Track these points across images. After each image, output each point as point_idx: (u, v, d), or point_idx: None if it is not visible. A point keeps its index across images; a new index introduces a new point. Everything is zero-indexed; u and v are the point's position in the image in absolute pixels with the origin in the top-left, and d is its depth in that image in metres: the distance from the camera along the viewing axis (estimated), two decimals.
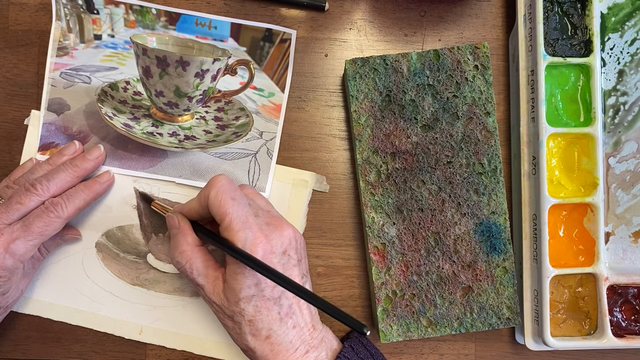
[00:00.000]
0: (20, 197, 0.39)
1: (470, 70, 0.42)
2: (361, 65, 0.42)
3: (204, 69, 0.44)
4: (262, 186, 0.45)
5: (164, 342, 0.44)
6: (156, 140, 0.45)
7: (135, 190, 0.45)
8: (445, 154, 0.42)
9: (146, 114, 0.45)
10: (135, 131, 0.45)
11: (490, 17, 0.47)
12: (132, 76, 0.45)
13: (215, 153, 0.45)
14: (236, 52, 0.45)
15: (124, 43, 0.45)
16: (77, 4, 0.45)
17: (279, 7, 0.46)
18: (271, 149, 0.45)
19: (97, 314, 0.44)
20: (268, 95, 0.46)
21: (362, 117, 0.42)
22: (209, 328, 0.44)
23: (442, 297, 0.42)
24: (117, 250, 0.45)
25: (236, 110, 0.45)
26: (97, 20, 0.45)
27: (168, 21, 0.45)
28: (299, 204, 0.45)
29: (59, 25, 0.45)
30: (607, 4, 0.43)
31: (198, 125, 0.45)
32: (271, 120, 0.45)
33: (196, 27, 0.45)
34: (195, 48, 0.45)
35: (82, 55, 0.45)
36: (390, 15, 0.46)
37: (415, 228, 0.42)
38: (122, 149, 0.45)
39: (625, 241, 0.43)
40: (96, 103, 0.45)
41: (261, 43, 0.45)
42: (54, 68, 0.45)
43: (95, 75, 0.45)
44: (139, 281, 0.45)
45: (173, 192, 0.45)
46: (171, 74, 0.44)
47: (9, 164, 0.45)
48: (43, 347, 0.45)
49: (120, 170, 0.44)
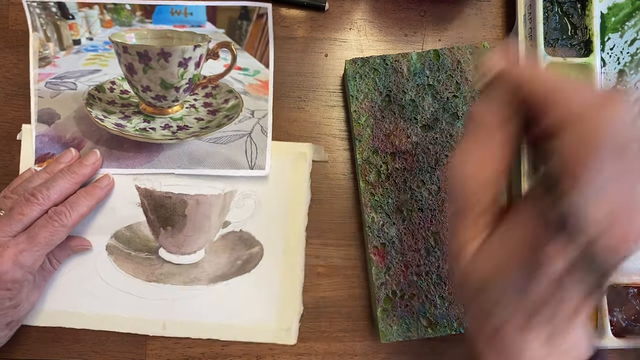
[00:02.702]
0: (22, 207, 0.39)
1: (470, 70, 0.42)
2: (361, 65, 0.42)
3: (186, 57, 0.44)
4: (261, 164, 0.45)
5: (188, 333, 0.44)
6: (150, 135, 0.45)
7: (136, 187, 0.45)
8: (445, 154, 0.42)
9: (136, 111, 0.45)
10: (127, 129, 0.45)
11: (490, 17, 0.47)
12: (117, 75, 0.45)
13: (210, 139, 0.45)
14: (215, 35, 0.45)
15: (104, 44, 0.45)
16: (51, 12, 0.45)
17: (279, 7, 0.46)
18: (265, 126, 0.45)
19: (118, 315, 0.44)
20: (254, 73, 0.46)
21: (362, 117, 0.42)
22: (230, 312, 0.44)
23: (442, 297, 0.42)
24: (128, 249, 0.45)
25: (224, 93, 0.45)
26: (73, 26, 0.45)
27: (144, 15, 0.45)
28: (301, 177, 0.45)
29: (36, 36, 0.45)
30: (607, 4, 0.43)
31: (189, 114, 0.45)
32: (260, 97, 0.45)
33: (172, 17, 0.45)
34: (174, 38, 0.45)
35: (64, 62, 0.45)
36: (390, 15, 0.46)
37: (415, 228, 0.42)
38: (118, 149, 0.45)
39: None
40: (85, 108, 0.45)
41: (239, 22, 0.45)
42: (38, 79, 0.45)
43: (80, 80, 0.45)
44: (155, 277, 0.45)
45: (175, 184, 0.45)
46: (154, 67, 0.44)
47: (9, 164, 0.45)
48: (43, 347, 0.44)
49: (119, 171, 0.44)
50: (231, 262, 0.45)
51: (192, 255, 0.45)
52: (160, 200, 0.44)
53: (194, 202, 0.44)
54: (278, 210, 0.45)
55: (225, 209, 0.45)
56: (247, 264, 0.45)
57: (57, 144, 0.44)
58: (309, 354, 0.45)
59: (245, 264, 0.45)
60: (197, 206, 0.44)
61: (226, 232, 0.45)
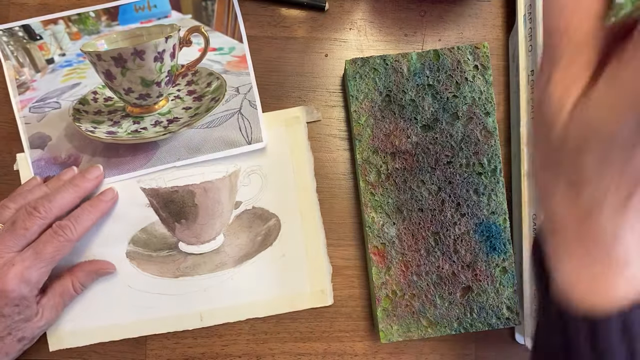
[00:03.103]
0: (24, 221, 0.38)
1: (470, 70, 0.42)
2: (361, 65, 0.42)
3: (160, 50, 0.44)
4: (257, 137, 0.45)
5: (226, 318, 0.45)
6: (143, 135, 0.45)
7: (142, 189, 0.45)
8: (445, 154, 0.42)
9: (124, 115, 0.45)
10: (120, 135, 0.45)
11: (490, 17, 0.47)
12: (97, 84, 0.45)
13: (202, 125, 0.45)
14: (183, 22, 0.45)
15: (77, 56, 0.45)
16: (18, 37, 0.45)
17: (279, 7, 0.46)
18: (252, 100, 0.45)
19: (154, 318, 0.44)
20: (229, 51, 0.46)
21: (362, 117, 0.42)
22: (262, 288, 0.45)
23: (442, 297, 0.42)
24: (148, 252, 0.45)
25: (205, 77, 0.46)
26: (43, 45, 0.45)
27: (109, 18, 0.45)
28: (299, 141, 0.45)
29: (9, 64, 0.45)
30: None
31: (175, 105, 0.45)
32: (242, 73, 0.45)
33: (137, 13, 0.45)
34: (144, 34, 0.45)
35: (42, 83, 0.45)
36: (390, 15, 0.46)
37: (415, 228, 0.42)
38: (115, 156, 0.45)
39: None
40: (73, 123, 0.45)
41: (203, 3, 0.46)
42: (21, 106, 0.44)
43: (62, 98, 0.45)
44: (181, 272, 0.45)
45: (179, 177, 0.45)
46: (131, 68, 0.44)
47: (9, 164, 0.45)
48: (43, 346, 0.45)
49: (121, 177, 0.44)
50: (252, 240, 0.45)
51: (211, 243, 0.45)
52: (168, 197, 0.45)
53: (202, 190, 0.45)
54: (285, 178, 0.45)
55: (233, 190, 0.45)
56: (267, 238, 0.45)
57: (54, 165, 0.44)
58: (309, 354, 0.45)
59: (266, 239, 0.45)
60: (205, 193, 0.45)
61: (240, 212, 0.45)
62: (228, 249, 0.45)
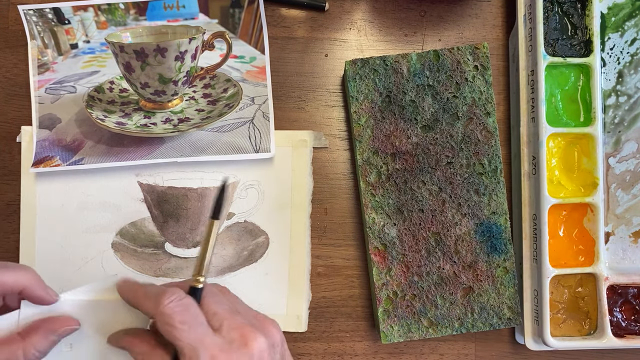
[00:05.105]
0: None
1: (470, 71, 0.42)
2: (361, 66, 0.42)
3: (182, 50, 0.45)
4: (266, 147, 0.45)
5: None
6: (151, 130, 0.45)
7: (139, 183, 0.45)
8: (445, 155, 0.42)
9: (136, 108, 0.45)
10: (129, 127, 0.45)
11: (490, 17, 0.47)
12: (115, 75, 0.45)
13: (212, 128, 0.45)
14: (209, 26, 0.46)
15: (101, 45, 0.45)
16: (47, 19, 0.45)
17: (279, 7, 0.46)
18: (266, 112, 0.45)
19: None
20: (250, 60, 0.46)
21: (362, 118, 0.42)
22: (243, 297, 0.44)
23: (443, 297, 0.42)
24: (134, 246, 0.45)
25: (223, 82, 0.46)
26: (70, 30, 0.45)
27: (137, 12, 0.45)
28: (303, 164, 0.45)
29: (34, 44, 0.45)
30: (607, 4, 0.43)
31: (189, 106, 0.45)
32: (259, 84, 0.45)
33: (165, 11, 0.45)
34: (169, 33, 0.45)
35: (63, 67, 0.45)
36: (390, 15, 0.46)
37: (416, 229, 0.42)
38: (119, 146, 0.45)
39: (625, 241, 0.43)
40: (85, 109, 0.45)
41: (231, 10, 0.46)
42: (38, 86, 0.45)
43: (79, 83, 0.45)
44: (162, 272, 0.45)
45: (177, 179, 0.45)
46: (152, 63, 0.44)
47: (9, 164, 0.45)
48: None
49: (119, 164, 0.44)
50: (238, 254, 0.45)
51: (198, 249, 0.45)
52: (163, 195, 0.45)
53: (197, 195, 0.45)
54: (282, 198, 0.45)
55: (228, 201, 0.45)
56: (253, 254, 0.45)
57: (57, 147, 0.44)
58: (309, 354, 0.45)
59: (252, 254, 0.45)
60: (200, 199, 0.45)
61: (231, 223, 0.45)
62: (212, 258, 0.45)
